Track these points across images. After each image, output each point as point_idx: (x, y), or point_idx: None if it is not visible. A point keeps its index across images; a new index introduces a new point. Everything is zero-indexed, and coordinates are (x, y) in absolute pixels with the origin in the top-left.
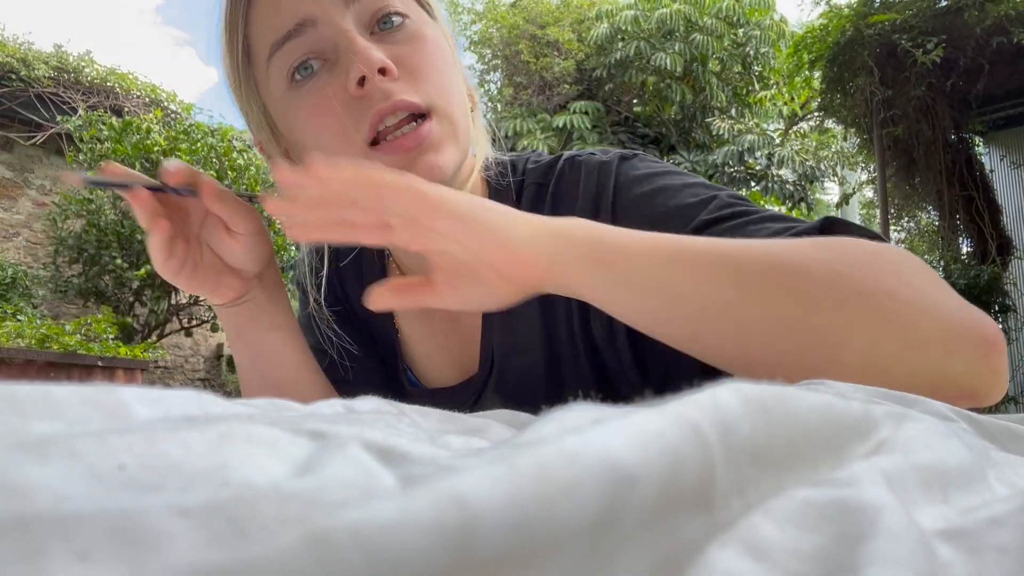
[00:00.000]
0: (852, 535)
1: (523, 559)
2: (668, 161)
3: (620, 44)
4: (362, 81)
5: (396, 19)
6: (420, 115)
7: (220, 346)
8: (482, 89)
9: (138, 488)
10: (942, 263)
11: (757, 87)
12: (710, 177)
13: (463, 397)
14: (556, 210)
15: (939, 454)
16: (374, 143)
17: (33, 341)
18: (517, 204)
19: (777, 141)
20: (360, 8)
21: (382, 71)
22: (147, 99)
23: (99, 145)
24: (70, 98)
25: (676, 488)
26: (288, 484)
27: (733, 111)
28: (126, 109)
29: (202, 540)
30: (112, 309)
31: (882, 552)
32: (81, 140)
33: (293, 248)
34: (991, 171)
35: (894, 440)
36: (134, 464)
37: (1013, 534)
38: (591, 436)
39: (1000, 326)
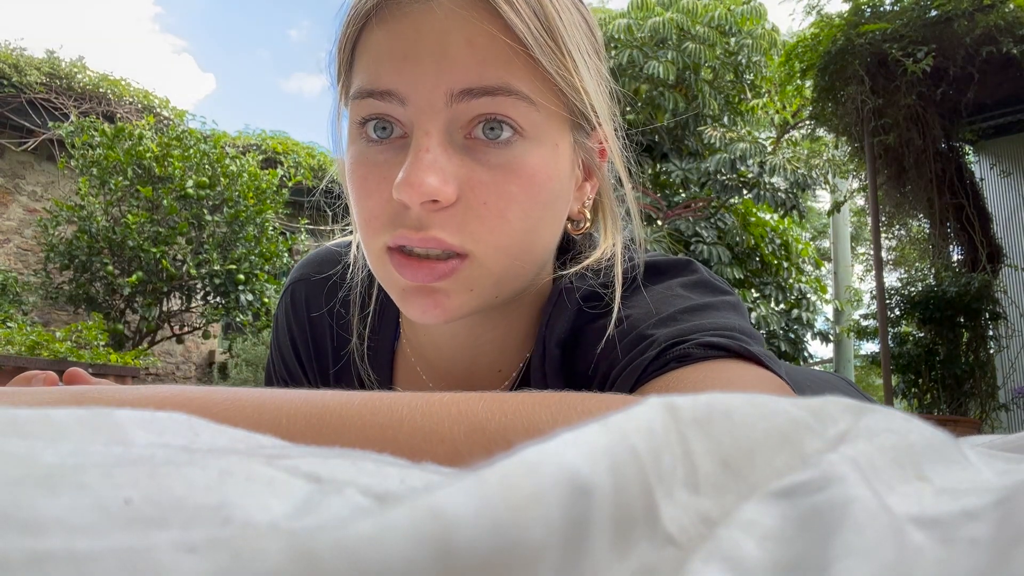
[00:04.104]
0: (826, 536)
1: (503, 567)
2: (660, 168)
3: (613, 52)
4: None
5: (506, 132)
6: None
7: (211, 353)
8: None
9: (144, 523)
10: (933, 271)
11: (749, 95)
12: (702, 185)
13: None
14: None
15: (902, 434)
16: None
17: (23, 348)
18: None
19: (769, 149)
20: (466, 108)
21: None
22: (140, 105)
23: (91, 151)
24: (62, 104)
25: (626, 506)
26: (288, 522)
27: (725, 119)
28: (118, 115)
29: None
30: (103, 316)
31: (851, 544)
32: (73, 146)
33: (286, 255)
34: (981, 179)
35: (856, 430)
36: (139, 499)
37: (987, 528)
38: (547, 448)
39: (991, 333)
